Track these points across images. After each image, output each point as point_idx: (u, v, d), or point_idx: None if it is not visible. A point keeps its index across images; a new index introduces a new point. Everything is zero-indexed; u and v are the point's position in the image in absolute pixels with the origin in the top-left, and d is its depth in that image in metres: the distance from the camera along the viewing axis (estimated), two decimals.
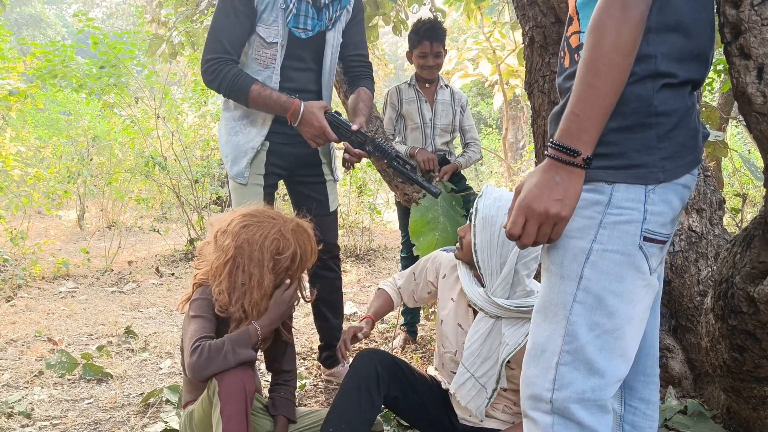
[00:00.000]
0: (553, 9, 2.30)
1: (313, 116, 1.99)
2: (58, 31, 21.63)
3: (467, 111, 3.13)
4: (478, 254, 1.63)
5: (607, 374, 1.00)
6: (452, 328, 1.77)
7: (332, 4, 2.09)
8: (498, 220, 1.61)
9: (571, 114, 0.94)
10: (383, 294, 2.00)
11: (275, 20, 2.03)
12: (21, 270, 4.35)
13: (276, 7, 2.02)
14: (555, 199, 0.95)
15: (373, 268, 5.19)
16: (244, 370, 1.52)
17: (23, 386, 2.44)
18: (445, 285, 1.84)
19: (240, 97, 2.02)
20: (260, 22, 2.03)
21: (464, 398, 1.68)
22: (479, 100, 15.61)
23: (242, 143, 2.13)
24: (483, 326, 1.65)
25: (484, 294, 1.65)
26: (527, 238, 0.98)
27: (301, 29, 2.07)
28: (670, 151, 0.97)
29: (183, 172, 5.62)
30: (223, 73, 1.99)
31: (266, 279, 1.60)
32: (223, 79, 2.00)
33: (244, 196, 2.12)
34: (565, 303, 1.00)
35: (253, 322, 1.61)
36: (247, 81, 2.00)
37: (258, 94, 1.99)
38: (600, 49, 0.91)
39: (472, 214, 1.65)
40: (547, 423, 1.01)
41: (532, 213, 0.96)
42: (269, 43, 2.05)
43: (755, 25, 1.10)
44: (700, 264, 2.08)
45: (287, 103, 1.99)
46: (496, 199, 1.65)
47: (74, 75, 5.11)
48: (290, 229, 1.64)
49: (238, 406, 1.46)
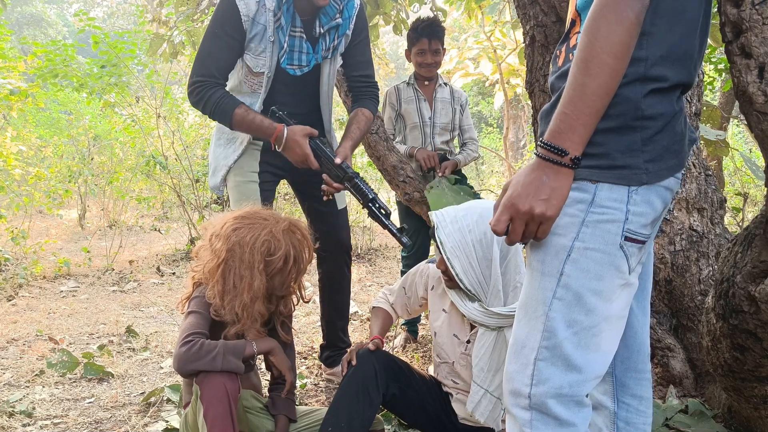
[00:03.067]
0: (554, 8, 2.30)
1: (296, 143, 1.97)
2: (59, 31, 21.64)
3: (466, 110, 3.13)
4: (464, 281, 1.60)
5: (584, 370, 1.01)
6: (448, 339, 1.76)
7: (329, 33, 2.04)
8: (467, 239, 1.58)
9: (561, 113, 0.95)
10: (381, 312, 1.98)
11: (263, 51, 2.00)
12: (22, 269, 4.35)
13: (265, 38, 1.98)
14: (541, 199, 0.95)
15: (374, 267, 5.19)
16: (227, 373, 1.51)
17: (24, 385, 2.44)
18: (435, 296, 1.82)
19: (223, 119, 2.02)
20: (248, 51, 2.01)
21: (482, 415, 1.63)
22: (480, 100, 15.60)
23: (221, 158, 2.15)
24: (487, 340, 1.63)
25: (480, 308, 1.62)
26: (514, 235, 0.99)
27: (296, 66, 2.04)
28: (654, 154, 0.97)
29: (184, 171, 5.63)
30: (207, 95, 1.99)
31: (257, 281, 1.59)
32: (207, 101, 1.99)
33: (242, 194, 2.12)
34: (545, 299, 1.01)
35: (253, 343, 1.61)
36: (231, 104, 1.98)
37: (242, 118, 1.98)
38: (592, 49, 0.91)
39: (440, 248, 1.61)
40: (525, 419, 1.02)
41: (517, 212, 0.97)
42: (255, 73, 2.03)
43: (756, 24, 1.10)
44: (701, 263, 2.08)
45: (270, 128, 1.97)
46: (453, 221, 1.61)
47: (75, 74, 5.12)
48: (281, 229, 1.62)
49: (222, 409, 1.46)
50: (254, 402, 1.71)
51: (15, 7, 20.26)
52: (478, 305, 1.62)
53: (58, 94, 7.05)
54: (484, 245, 1.59)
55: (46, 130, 7.99)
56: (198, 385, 1.50)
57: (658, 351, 2.06)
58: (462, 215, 1.61)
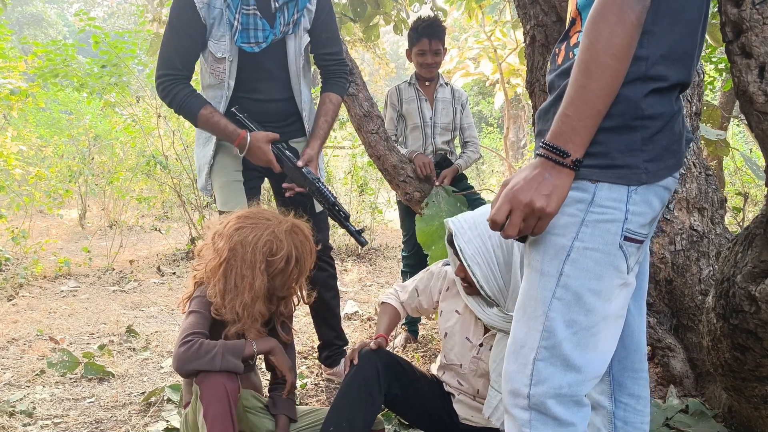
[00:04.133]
0: (555, 8, 2.30)
1: (259, 149, 1.99)
2: (59, 31, 21.64)
3: (467, 109, 3.12)
4: (485, 287, 1.57)
5: (583, 370, 1.01)
6: (459, 342, 1.74)
7: (286, 7, 2.01)
8: (487, 245, 1.56)
9: (563, 115, 0.95)
10: (389, 308, 1.95)
11: (223, 35, 2.00)
12: (22, 269, 4.35)
13: (223, 22, 1.98)
14: (543, 194, 0.95)
15: (374, 267, 5.19)
16: (226, 373, 1.51)
17: (25, 385, 2.45)
18: (448, 297, 1.81)
19: (189, 118, 2.04)
20: (210, 37, 2.01)
21: (499, 420, 1.61)
22: (480, 99, 15.60)
23: (200, 156, 2.16)
24: (505, 345, 1.62)
25: (500, 313, 1.60)
26: (512, 228, 0.98)
27: (253, 43, 2.01)
28: (654, 153, 0.97)
29: (184, 171, 5.62)
30: (174, 92, 2.00)
31: (258, 281, 1.59)
32: (174, 98, 2.01)
33: (228, 194, 2.12)
34: (545, 299, 1.01)
35: (253, 343, 1.61)
36: (196, 104, 2.00)
37: (206, 119, 2.00)
38: (593, 50, 0.91)
39: (460, 255, 1.58)
40: (524, 419, 1.02)
41: (518, 204, 0.96)
42: (218, 59, 2.03)
43: (757, 24, 1.10)
44: (701, 263, 2.08)
45: (234, 133, 1.99)
46: (472, 227, 1.59)
47: (75, 74, 5.12)
48: (284, 230, 1.62)
49: (221, 409, 1.46)
50: (255, 402, 1.71)
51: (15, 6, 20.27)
52: (497, 310, 1.60)
53: (58, 93, 7.05)
54: (504, 250, 1.57)
55: (47, 130, 7.99)
56: (197, 385, 1.50)
57: (658, 351, 2.06)
58: (481, 220, 1.59)
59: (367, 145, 2.99)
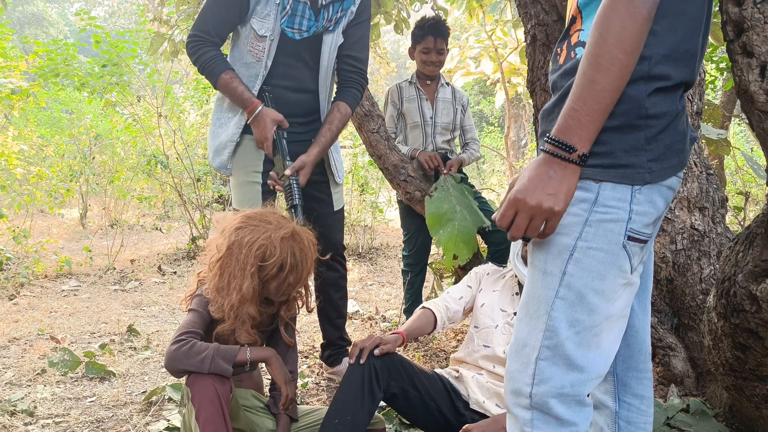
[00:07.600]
0: (555, 7, 2.30)
1: (263, 123, 2.01)
2: (60, 30, 21.65)
3: (468, 111, 3.13)
4: None
5: (586, 370, 1.00)
6: (493, 309, 1.93)
7: (332, 5, 2.06)
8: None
9: (570, 109, 0.94)
10: (427, 313, 1.94)
11: (268, 14, 2.04)
12: (24, 268, 4.36)
13: (271, 1, 2.02)
14: (548, 194, 0.94)
15: (375, 266, 5.19)
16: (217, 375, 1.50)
17: (26, 384, 2.45)
18: (489, 280, 2.04)
19: (210, 78, 2.08)
20: (254, 14, 2.05)
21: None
22: (481, 99, 15.59)
23: (220, 136, 2.15)
24: None
25: None
26: (516, 230, 0.98)
27: (296, 30, 2.06)
28: (658, 153, 0.97)
29: (185, 170, 5.63)
30: (201, 52, 2.05)
31: (247, 283, 1.56)
32: (199, 57, 2.06)
33: (244, 194, 2.12)
34: (547, 298, 1.01)
35: (248, 350, 1.59)
36: (219, 67, 2.04)
37: (226, 83, 2.04)
38: (603, 44, 0.90)
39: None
40: (526, 419, 1.02)
41: (524, 206, 0.96)
42: (260, 36, 2.06)
43: (758, 23, 1.10)
44: (702, 262, 2.08)
45: (249, 100, 2.03)
46: None
47: (76, 73, 5.12)
48: (281, 236, 1.58)
49: (213, 411, 1.45)
50: (255, 401, 1.71)
51: (16, 6, 20.28)
52: None
53: (59, 93, 7.06)
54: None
55: (48, 130, 8.00)
56: (188, 387, 1.50)
57: (659, 350, 2.06)
58: None
59: (367, 145, 2.99)
